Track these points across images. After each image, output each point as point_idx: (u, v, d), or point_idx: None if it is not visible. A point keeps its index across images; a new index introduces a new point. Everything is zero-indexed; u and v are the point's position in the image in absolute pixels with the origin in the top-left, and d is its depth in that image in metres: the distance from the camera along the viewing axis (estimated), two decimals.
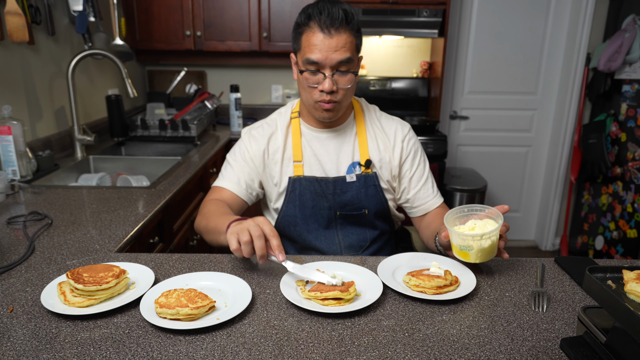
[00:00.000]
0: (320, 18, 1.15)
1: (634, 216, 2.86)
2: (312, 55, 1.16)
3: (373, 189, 1.32)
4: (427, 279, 0.93)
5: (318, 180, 1.30)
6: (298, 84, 1.27)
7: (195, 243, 2.04)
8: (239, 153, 1.36)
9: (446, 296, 0.91)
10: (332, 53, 1.15)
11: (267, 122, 1.38)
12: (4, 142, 1.64)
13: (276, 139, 1.34)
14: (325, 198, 1.30)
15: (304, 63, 1.19)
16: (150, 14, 2.92)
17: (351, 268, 1.03)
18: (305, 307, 0.85)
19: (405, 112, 3.38)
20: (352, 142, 1.33)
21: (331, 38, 1.15)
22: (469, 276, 0.99)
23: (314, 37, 1.16)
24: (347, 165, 1.32)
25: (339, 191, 1.30)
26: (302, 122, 1.35)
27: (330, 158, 1.32)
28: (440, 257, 1.11)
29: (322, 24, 1.15)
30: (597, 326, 0.73)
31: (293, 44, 1.25)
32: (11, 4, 1.66)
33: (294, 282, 0.95)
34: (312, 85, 1.20)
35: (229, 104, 2.91)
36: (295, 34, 1.22)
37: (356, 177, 1.31)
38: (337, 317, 0.85)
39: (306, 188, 1.30)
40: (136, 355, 0.73)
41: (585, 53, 3.18)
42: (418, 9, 2.88)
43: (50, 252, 1.12)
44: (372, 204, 1.32)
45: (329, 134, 1.33)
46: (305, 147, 1.33)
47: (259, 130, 1.36)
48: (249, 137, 1.36)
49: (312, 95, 1.21)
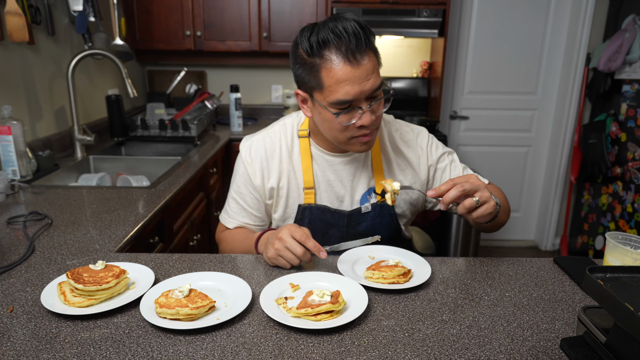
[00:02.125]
0: (340, 44, 0.95)
1: (634, 216, 2.86)
2: (344, 94, 0.97)
3: (388, 217, 1.22)
4: (388, 270, 0.97)
5: (331, 211, 1.20)
6: (320, 122, 1.08)
7: (195, 243, 2.04)
8: (242, 184, 1.23)
9: (414, 282, 0.96)
10: (365, 84, 0.98)
11: (270, 137, 1.21)
12: (4, 142, 1.64)
13: (281, 160, 1.19)
14: (337, 228, 1.21)
15: (332, 105, 1.00)
16: (150, 14, 2.92)
17: (318, 276, 0.99)
18: (294, 325, 0.80)
19: (405, 112, 3.38)
20: (368, 168, 1.21)
21: (359, 66, 0.96)
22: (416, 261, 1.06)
23: (339, 72, 0.96)
24: (361, 193, 1.21)
25: (354, 223, 1.21)
26: (313, 143, 1.19)
27: (344, 185, 1.20)
28: (387, 248, 1.13)
29: (345, 52, 0.95)
30: (597, 326, 0.73)
31: (305, 81, 1.03)
32: (11, 4, 1.66)
33: (274, 300, 0.89)
34: (347, 123, 1.02)
35: (229, 104, 2.91)
36: (304, 68, 1.01)
37: (371, 207, 1.20)
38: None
39: (317, 217, 1.20)
40: (136, 355, 0.74)
41: (585, 53, 3.18)
42: (418, 9, 2.88)
43: (50, 252, 1.12)
44: (386, 232, 1.23)
45: (344, 159, 1.19)
46: (317, 172, 1.19)
47: (259, 145, 1.21)
48: (249, 159, 1.21)
49: (347, 133, 1.04)
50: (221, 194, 2.69)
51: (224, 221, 1.30)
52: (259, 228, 1.28)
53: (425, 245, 1.59)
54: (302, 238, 0.99)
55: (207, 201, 2.32)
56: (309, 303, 0.84)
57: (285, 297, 0.90)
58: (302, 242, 0.99)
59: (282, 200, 1.21)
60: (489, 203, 0.97)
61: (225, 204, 1.31)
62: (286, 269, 1.04)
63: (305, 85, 1.05)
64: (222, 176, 2.71)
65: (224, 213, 1.30)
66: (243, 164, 1.22)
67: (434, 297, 0.93)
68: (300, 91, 1.08)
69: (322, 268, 1.06)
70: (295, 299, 0.90)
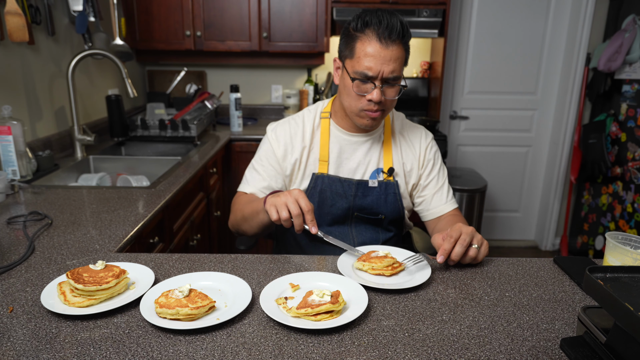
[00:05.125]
0: (379, 27, 1.14)
1: (634, 216, 2.86)
2: (366, 67, 1.15)
3: (392, 196, 1.34)
4: (378, 261, 1.02)
5: (341, 180, 1.32)
6: (341, 88, 1.26)
7: (195, 243, 2.04)
8: (265, 157, 1.36)
9: (414, 282, 0.96)
10: (386, 65, 1.15)
11: (295, 119, 1.37)
12: (4, 142, 1.64)
13: (303, 137, 1.34)
14: (345, 198, 1.32)
15: (355, 72, 1.18)
16: (150, 14, 2.92)
17: (318, 276, 0.99)
18: (294, 325, 0.80)
19: (405, 112, 3.31)
20: (379, 149, 1.36)
21: (387, 49, 1.14)
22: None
23: (369, 46, 1.15)
24: (371, 171, 1.35)
25: (360, 194, 1.32)
26: (333, 123, 1.35)
27: (357, 162, 1.34)
28: (387, 249, 1.15)
29: (380, 34, 1.14)
30: (597, 326, 0.73)
31: (342, 50, 1.23)
32: (11, 4, 1.66)
33: (274, 300, 0.89)
34: (361, 93, 1.19)
35: (229, 104, 2.91)
36: (346, 39, 1.21)
37: (378, 183, 1.33)
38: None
39: (327, 186, 1.32)
40: (136, 355, 0.74)
41: (585, 53, 3.18)
42: (418, 9, 2.88)
43: (50, 252, 1.12)
44: (389, 211, 1.35)
45: (360, 139, 1.34)
46: (333, 148, 1.34)
47: (284, 127, 1.36)
48: (274, 136, 1.35)
49: (359, 103, 1.21)
50: (221, 194, 2.69)
51: (241, 187, 1.38)
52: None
53: (426, 245, 1.59)
54: (306, 208, 1.05)
55: (207, 201, 2.32)
56: (309, 303, 0.84)
57: (285, 297, 0.90)
58: (303, 211, 1.04)
59: (301, 171, 1.34)
60: (485, 242, 1.09)
61: (244, 176, 1.40)
62: (276, 221, 1.06)
63: (341, 53, 1.24)
64: (222, 176, 2.71)
65: (242, 183, 1.39)
66: (268, 141, 1.36)
67: (434, 297, 0.93)
68: (337, 59, 1.27)
69: (322, 268, 1.07)
70: (295, 299, 0.90)
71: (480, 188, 2.98)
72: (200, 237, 2.15)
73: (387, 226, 1.39)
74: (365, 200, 1.33)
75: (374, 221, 1.37)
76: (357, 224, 1.37)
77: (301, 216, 1.04)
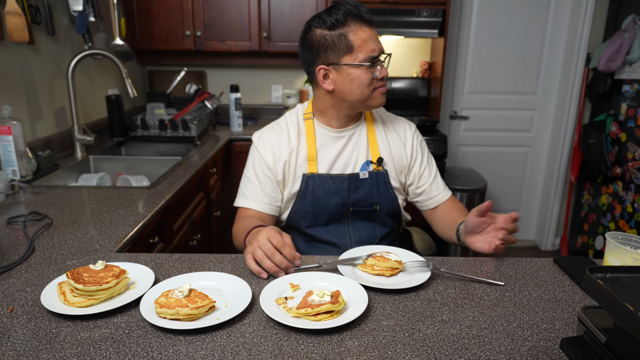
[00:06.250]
0: (359, 12, 1.19)
1: (634, 216, 2.86)
2: (371, 50, 1.20)
3: (384, 185, 1.37)
4: (381, 260, 1.02)
5: (332, 177, 1.33)
6: (346, 86, 1.24)
7: (195, 243, 2.04)
8: (257, 165, 1.35)
9: (414, 282, 0.96)
10: (380, 42, 1.23)
11: (278, 124, 1.39)
12: (4, 142, 1.64)
13: (289, 140, 1.35)
14: (339, 194, 1.34)
15: (365, 60, 1.20)
16: (150, 14, 2.92)
17: (318, 276, 0.99)
18: (294, 325, 0.80)
19: (405, 112, 3.38)
20: (364, 142, 1.37)
21: (373, 28, 1.22)
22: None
23: (362, 32, 1.19)
24: (361, 164, 1.36)
25: (353, 187, 1.34)
26: (317, 122, 1.37)
27: (345, 157, 1.36)
28: (387, 248, 1.14)
29: (363, 17, 1.19)
30: (597, 326, 0.73)
31: (331, 53, 1.22)
32: (11, 4, 1.66)
33: (274, 300, 0.89)
34: (374, 75, 1.23)
35: (229, 104, 2.91)
36: (332, 42, 1.21)
37: (368, 174, 1.35)
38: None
39: (319, 185, 1.33)
40: (136, 355, 0.74)
41: (585, 53, 3.18)
42: (418, 9, 2.88)
43: (50, 252, 1.12)
44: (383, 201, 1.37)
45: (344, 134, 1.36)
46: (320, 146, 1.35)
47: (270, 132, 1.37)
48: (261, 143, 1.36)
49: (371, 86, 1.24)
50: (221, 194, 2.69)
51: (239, 202, 1.37)
52: (272, 209, 1.36)
53: (426, 245, 1.59)
54: (279, 244, 0.99)
55: (207, 201, 2.32)
56: (309, 303, 0.84)
57: (285, 297, 0.90)
58: (278, 248, 0.99)
59: (292, 174, 1.35)
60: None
61: (239, 190, 1.39)
62: (258, 275, 0.99)
63: (330, 57, 1.22)
64: (222, 176, 2.71)
65: (239, 196, 1.38)
66: (256, 149, 1.36)
67: (434, 297, 0.93)
68: (324, 66, 1.24)
69: (322, 268, 1.06)
70: (295, 299, 0.90)
71: (480, 188, 2.98)
72: (200, 237, 2.15)
73: (383, 219, 1.40)
74: (359, 193, 1.35)
75: (370, 214, 1.37)
76: (354, 222, 1.38)
77: (277, 253, 0.98)
